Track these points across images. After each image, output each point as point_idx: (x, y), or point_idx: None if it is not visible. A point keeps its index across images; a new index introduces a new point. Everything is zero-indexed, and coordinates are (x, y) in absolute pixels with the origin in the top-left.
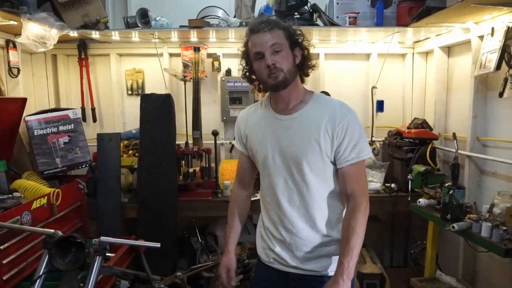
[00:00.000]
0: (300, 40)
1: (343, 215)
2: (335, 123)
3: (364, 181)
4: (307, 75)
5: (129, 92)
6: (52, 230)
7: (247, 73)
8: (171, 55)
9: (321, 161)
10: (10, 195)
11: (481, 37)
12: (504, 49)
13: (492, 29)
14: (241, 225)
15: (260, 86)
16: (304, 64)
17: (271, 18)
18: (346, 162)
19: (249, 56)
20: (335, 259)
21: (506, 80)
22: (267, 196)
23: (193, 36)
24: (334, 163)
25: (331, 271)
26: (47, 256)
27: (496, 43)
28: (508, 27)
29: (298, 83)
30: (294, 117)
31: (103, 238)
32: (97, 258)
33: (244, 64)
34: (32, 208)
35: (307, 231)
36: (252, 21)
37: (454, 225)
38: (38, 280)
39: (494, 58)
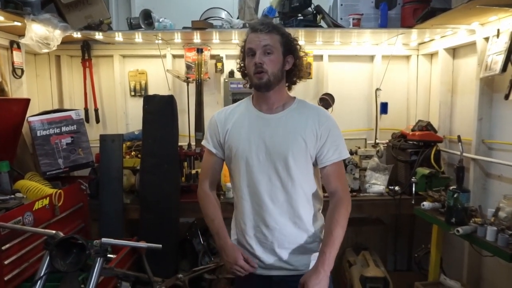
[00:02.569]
0: (295, 48)
1: (320, 213)
2: (319, 125)
3: (345, 180)
4: (294, 83)
5: (132, 93)
6: (54, 231)
7: (242, 68)
8: (174, 56)
9: (305, 159)
10: (13, 196)
11: (487, 39)
12: (510, 51)
13: (498, 30)
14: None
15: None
16: (293, 72)
17: (272, 22)
18: (330, 161)
19: (245, 52)
20: (316, 256)
21: None
22: (247, 195)
23: (196, 38)
24: (315, 163)
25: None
26: (48, 257)
27: (502, 44)
28: None
29: (283, 88)
30: (280, 116)
31: (104, 240)
32: (98, 260)
33: (240, 59)
34: (34, 209)
35: (290, 227)
36: (255, 21)
37: (459, 229)
38: (39, 281)
39: (500, 60)
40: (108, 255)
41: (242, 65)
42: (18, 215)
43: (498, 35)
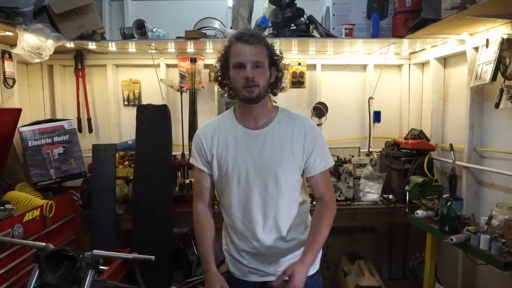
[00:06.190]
0: (278, 61)
1: (309, 222)
2: (304, 135)
3: (331, 186)
4: (275, 94)
5: (126, 102)
6: (44, 244)
7: (220, 77)
8: (168, 66)
9: (294, 172)
10: (2, 207)
11: (476, 49)
12: (499, 60)
13: (487, 40)
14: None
15: (230, 92)
16: (275, 84)
17: (258, 33)
18: (317, 170)
19: (227, 62)
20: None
21: (502, 91)
22: (238, 212)
23: (190, 47)
24: (302, 174)
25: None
26: (38, 270)
27: (491, 54)
28: (503, 39)
29: (267, 100)
30: (266, 131)
31: (95, 251)
32: (89, 272)
33: (218, 67)
34: (24, 221)
35: (281, 240)
36: (240, 29)
37: (453, 237)
38: None
39: (489, 69)
40: (100, 267)
41: (219, 74)
42: (8, 227)
43: (487, 45)
